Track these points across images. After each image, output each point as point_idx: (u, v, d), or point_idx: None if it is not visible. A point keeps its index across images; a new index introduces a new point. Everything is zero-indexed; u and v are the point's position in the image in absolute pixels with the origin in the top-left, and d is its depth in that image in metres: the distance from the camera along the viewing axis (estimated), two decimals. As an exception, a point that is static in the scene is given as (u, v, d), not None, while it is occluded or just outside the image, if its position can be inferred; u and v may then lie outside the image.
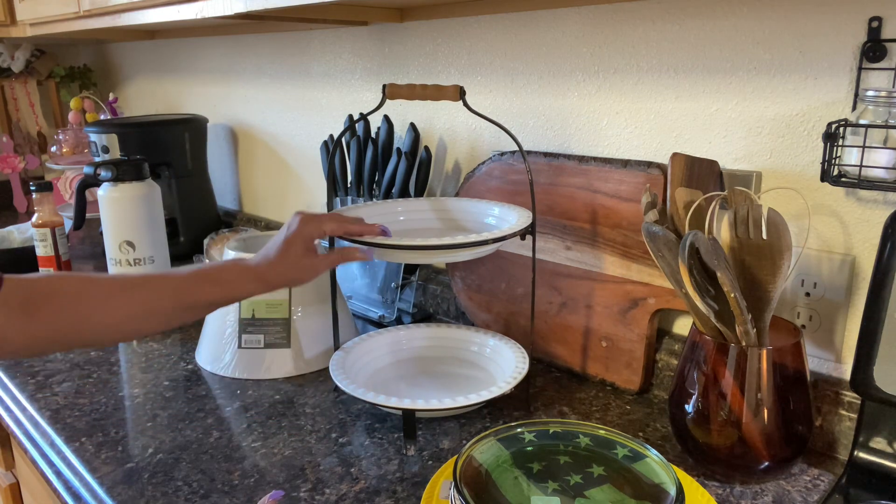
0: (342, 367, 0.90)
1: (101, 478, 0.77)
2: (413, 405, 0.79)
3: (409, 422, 0.80)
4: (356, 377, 0.91)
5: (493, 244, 0.84)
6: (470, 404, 0.81)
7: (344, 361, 0.92)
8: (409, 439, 0.81)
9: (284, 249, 0.78)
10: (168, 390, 0.97)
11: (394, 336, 1.02)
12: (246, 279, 0.77)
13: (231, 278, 0.76)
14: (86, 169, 1.17)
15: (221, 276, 0.75)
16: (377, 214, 0.98)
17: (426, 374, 0.97)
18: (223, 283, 0.75)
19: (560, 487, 0.59)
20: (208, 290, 0.74)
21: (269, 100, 1.59)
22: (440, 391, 0.92)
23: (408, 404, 0.79)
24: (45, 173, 2.22)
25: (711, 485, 0.74)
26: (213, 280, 0.75)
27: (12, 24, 1.71)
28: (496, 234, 0.83)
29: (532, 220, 0.86)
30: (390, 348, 1.01)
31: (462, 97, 0.84)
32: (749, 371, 0.70)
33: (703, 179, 0.82)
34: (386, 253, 0.85)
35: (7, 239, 1.58)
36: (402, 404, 0.79)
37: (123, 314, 0.70)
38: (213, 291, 0.75)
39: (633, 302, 0.92)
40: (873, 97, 0.69)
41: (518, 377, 0.86)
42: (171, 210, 1.57)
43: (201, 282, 0.74)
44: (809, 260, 0.81)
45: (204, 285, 0.74)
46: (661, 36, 0.89)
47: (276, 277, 0.78)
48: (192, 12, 1.14)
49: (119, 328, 0.71)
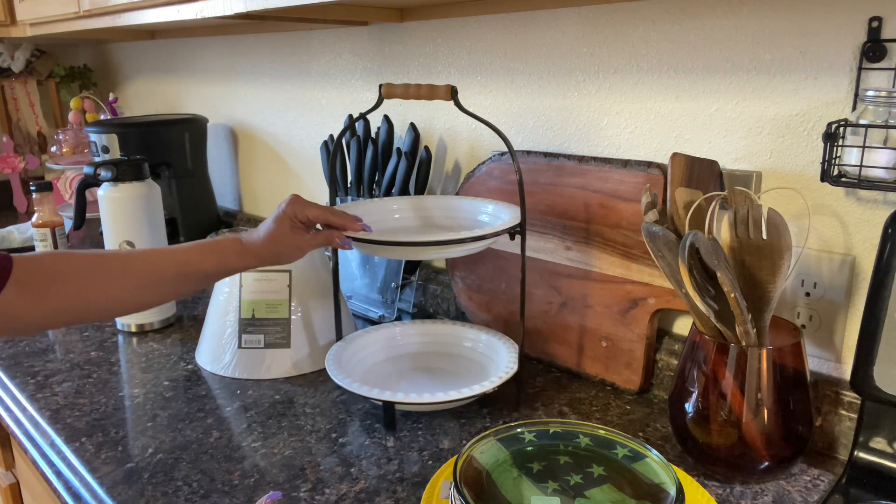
0: (339, 359, 0.93)
1: (101, 478, 0.77)
2: (392, 398, 0.83)
3: (388, 413, 0.85)
4: (353, 370, 0.93)
5: (484, 241, 0.84)
6: (448, 400, 0.83)
7: (342, 353, 0.95)
8: (389, 430, 0.85)
9: (273, 226, 0.82)
10: (168, 390, 0.97)
11: (390, 331, 1.04)
12: (241, 252, 0.81)
13: (229, 250, 0.80)
14: (86, 169, 1.17)
15: (220, 248, 0.80)
16: (373, 212, 0.98)
17: (424, 370, 0.98)
18: (221, 254, 0.80)
19: (560, 487, 0.59)
20: (206, 259, 0.79)
21: (269, 100, 1.59)
22: (434, 386, 0.93)
23: (388, 396, 0.83)
24: (45, 173, 2.22)
25: (711, 485, 0.74)
26: (212, 251, 0.79)
27: (12, 24, 1.71)
28: (483, 232, 0.84)
29: (521, 219, 0.86)
30: (388, 343, 1.03)
31: (454, 97, 0.85)
32: (749, 371, 0.70)
33: (703, 179, 0.82)
34: (374, 248, 0.86)
35: (7, 239, 1.58)
36: (383, 396, 0.84)
37: (128, 286, 0.74)
38: (211, 262, 0.79)
39: (633, 302, 0.92)
40: (873, 97, 0.69)
41: (504, 377, 0.87)
42: (171, 210, 1.57)
43: (199, 252, 0.79)
44: (809, 260, 0.81)
45: (203, 255, 0.79)
46: (661, 36, 0.89)
47: (265, 252, 0.82)
48: (192, 12, 1.14)
49: (125, 300, 0.75)
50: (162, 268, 0.76)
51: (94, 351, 1.11)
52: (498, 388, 0.85)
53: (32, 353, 1.10)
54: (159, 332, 1.18)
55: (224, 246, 0.80)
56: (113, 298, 0.73)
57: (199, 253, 0.78)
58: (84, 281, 0.71)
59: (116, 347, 1.12)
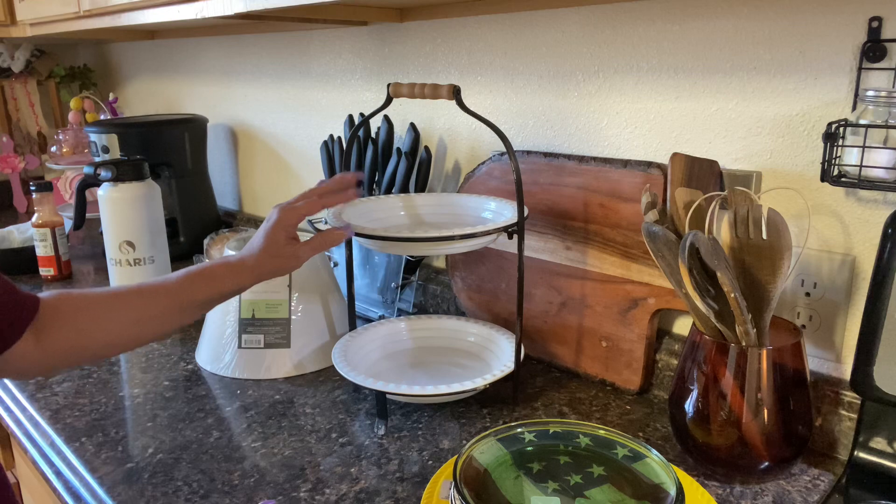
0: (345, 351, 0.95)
1: (101, 478, 0.77)
2: (384, 388, 0.85)
3: (380, 402, 0.88)
4: (359, 363, 0.95)
5: (478, 238, 0.85)
6: (439, 393, 0.84)
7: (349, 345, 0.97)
8: (381, 419, 0.88)
9: (267, 240, 0.80)
10: (168, 390, 0.97)
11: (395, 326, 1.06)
12: (234, 273, 0.78)
13: (220, 274, 0.78)
14: (86, 169, 1.17)
15: (210, 274, 0.77)
16: (378, 209, 0.99)
17: (429, 364, 1.00)
18: (213, 279, 0.77)
19: (560, 487, 0.59)
20: (199, 288, 0.76)
21: (269, 100, 1.59)
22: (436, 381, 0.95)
23: (380, 387, 0.86)
24: (45, 173, 2.22)
25: (711, 485, 0.74)
26: (203, 277, 0.77)
27: (12, 24, 1.71)
28: (484, 228, 0.84)
29: (519, 218, 0.86)
30: (395, 337, 1.05)
31: (456, 96, 0.85)
32: (749, 371, 0.70)
33: (703, 179, 0.82)
34: (376, 244, 0.87)
35: (7, 239, 1.58)
36: (376, 386, 0.86)
37: (122, 323, 0.72)
38: (205, 289, 0.76)
39: (633, 302, 0.92)
40: (873, 97, 0.69)
41: (498, 375, 0.88)
42: (171, 210, 1.57)
43: (191, 281, 0.76)
44: (809, 260, 0.81)
45: (194, 284, 0.76)
46: (662, 36, 0.89)
47: (262, 268, 0.80)
48: (192, 12, 1.14)
49: (119, 338, 0.72)
50: (154, 303, 0.73)
51: (94, 351, 1.11)
52: (498, 387, 0.86)
53: (32, 353, 1.10)
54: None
55: (214, 271, 0.77)
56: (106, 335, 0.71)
57: (189, 282, 0.76)
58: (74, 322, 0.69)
59: (116, 347, 1.12)
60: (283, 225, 0.80)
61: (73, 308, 0.70)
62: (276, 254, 0.80)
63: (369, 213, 0.99)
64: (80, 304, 0.70)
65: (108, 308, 0.71)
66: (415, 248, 0.87)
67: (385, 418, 0.88)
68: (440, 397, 0.86)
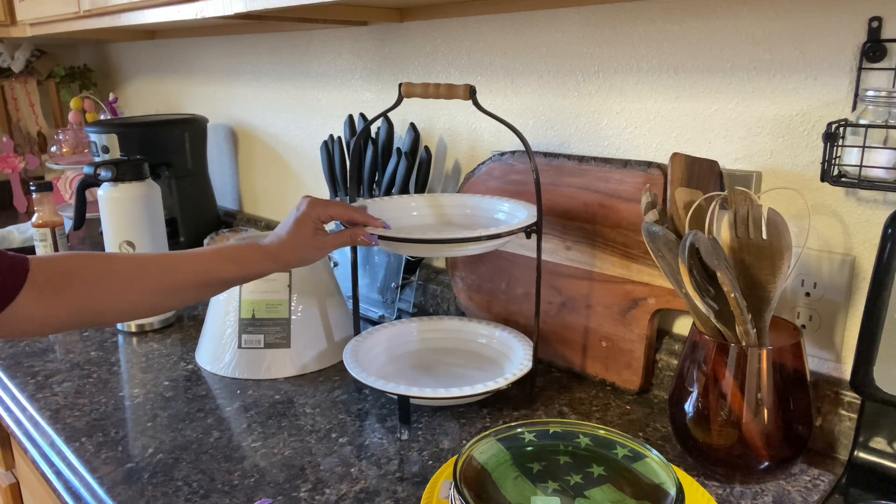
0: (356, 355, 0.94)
1: (101, 478, 0.77)
2: (407, 392, 0.84)
3: (403, 407, 0.86)
4: (369, 366, 0.94)
5: (501, 238, 0.85)
6: (462, 395, 0.83)
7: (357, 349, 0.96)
8: (404, 424, 0.86)
9: (295, 229, 0.81)
10: (168, 390, 0.97)
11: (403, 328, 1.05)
12: (261, 258, 0.80)
13: (247, 256, 0.79)
14: (86, 169, 1.17)
15: (239, 255, 0.79)
16: (390, 209, 0.99)
17: (435, 367, 0.99)
18: (240, 262, 0.79)
19: (560, 487, 0.59)
20: (227, 267, 0.78)
21: (269, 100, 1.59)
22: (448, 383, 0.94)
23: (402, 391, 0.84)
24: (45, 173, 2.22)
25: (711, 485, 0.74)
26: (231, 259, 0.78)
27: (12, 24, 1.71)
28: (501, 230, 0.84)
29: (538, 218, 0.87)
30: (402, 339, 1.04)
31: (472, 97, 0.85)
32: (749, 371, 0.70)
33: (703, 179, 0.82)
34: (396, 246, 0.86)
35: (7, 239, 1.58)
36: (398, 390, 0.84)
37: (143, 292, 0.73)
38: (231, 269, 0.78)
39: (633, 302, 0.92)
40: (873, 97, 0.69)
41: (518, 374, 0.87)
42: (171, 210, 1.57)
43: (220, 260, 0.78)
44: (809, 260, 0.81)
45: (222, 264, 0.78)
46: (662, 36, 0.89)
47: (288, 255, 0.81)
48: (192, 12, 1.14)
49: (138, 305, 0.74)
50: (181, 275, 0.75)
51: (93, 351, 1.11)
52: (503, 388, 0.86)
53: (32, 353, 1.10)
54: (159, 332, 1.18)
55: (244, 253, 0.79)
56: (129, 302, 0.72)
57: (218, 261, 0.77)
58: (100, 284, 0.70)
59: (116, 347, 1.12)
60: (312, 217, 0.82)
61: (96, 272, 0.70)
62: (303, 244, 0.81)
63: (382, 213, 0.98)
64: (103, 269, 0.71)
65: (132, 277, 0.72)
66: (436, 249, 0.87)
67: (408, 423, 0.87)
68: (461, 399, 0.85)
